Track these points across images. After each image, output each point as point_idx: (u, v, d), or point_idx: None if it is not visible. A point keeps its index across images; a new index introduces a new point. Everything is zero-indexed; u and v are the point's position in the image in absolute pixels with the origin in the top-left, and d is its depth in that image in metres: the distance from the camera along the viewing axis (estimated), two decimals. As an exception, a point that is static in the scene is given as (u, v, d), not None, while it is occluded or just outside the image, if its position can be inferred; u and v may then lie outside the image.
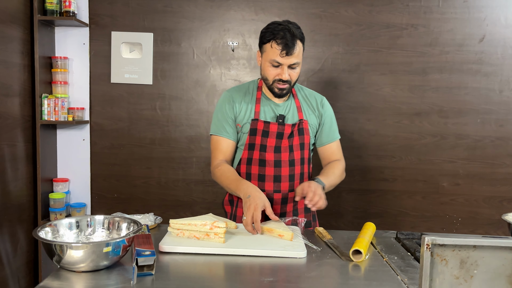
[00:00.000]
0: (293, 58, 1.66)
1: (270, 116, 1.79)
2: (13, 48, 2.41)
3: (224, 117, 1.80)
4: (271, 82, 1.73)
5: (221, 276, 1.26)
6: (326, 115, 1.87)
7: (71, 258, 1.14)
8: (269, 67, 1.71)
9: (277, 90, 1.73)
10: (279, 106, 1.81)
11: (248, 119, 1.78)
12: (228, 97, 1.82)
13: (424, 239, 0.90)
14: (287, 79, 1.69)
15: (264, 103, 1.81)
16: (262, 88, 1.84)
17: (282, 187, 1.76)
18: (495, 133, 2.72)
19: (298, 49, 1.67)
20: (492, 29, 2.67)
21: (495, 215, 2.75)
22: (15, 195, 2.46)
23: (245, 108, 1.80)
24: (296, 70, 1.72)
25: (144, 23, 2.75)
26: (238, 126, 1.80)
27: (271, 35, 1.67)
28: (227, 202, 1.90)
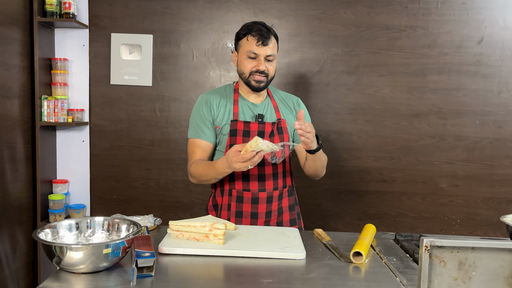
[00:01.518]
0: (268, 49, 1.72)
1: (249, 116, 1.80)
2: (12, 50, 2.41)
3: (202, 120, 1.80)
4: (247, 75, 1.75)
5: (221, 277, 1.26)
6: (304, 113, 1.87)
7: (71, 260, 1.14)
8: (246, 60, 1.75)
9: (254, 83, 1.75)
10: (257, 106, 1.83)
11: (227, 120, 1.78)
12: (204, 99, 1.82)
13: (423, 241, 0.91)
14: (263, 69, 1.73)
15: (242, 104, 1.82)
16: (238, 90, 1.85)
17: (266, 186, 1.77)
18: (494, 134, 2.73)
19: (273, 43, 1.75)
20: (491, 31, 2.68)
21: (493, 217, 2.76)
22: (15, 196, 2.46)
23: (223, 109, 1.80)
24: (273, 64, 1.76)
25: (144, 25, 2.75)
26: (217, 128, 1.79)
27: (246, 30, 1.75)
28: (211, 208, 1.88)
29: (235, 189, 1.78)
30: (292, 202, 1.87)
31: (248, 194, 1.77)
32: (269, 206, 1.79)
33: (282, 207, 1.83)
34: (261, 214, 1.77)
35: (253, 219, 1.77)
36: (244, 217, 1.77)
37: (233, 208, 1.78)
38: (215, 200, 1.87)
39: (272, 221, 1.79)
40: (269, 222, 1.79)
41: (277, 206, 1.81)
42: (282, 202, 1.82)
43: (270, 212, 1.79)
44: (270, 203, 1.79)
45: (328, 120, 2.77)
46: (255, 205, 1.77)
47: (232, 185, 1.79)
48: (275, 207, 1.80)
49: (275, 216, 1.80)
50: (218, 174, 1.67)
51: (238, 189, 1.78)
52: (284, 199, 1.82)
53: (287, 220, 1.83)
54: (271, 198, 1.79)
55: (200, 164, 1.74)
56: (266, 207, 1.78)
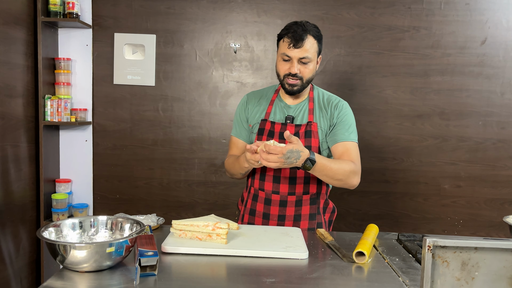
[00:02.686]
0: (302, 52, 1.66)
1: (279, 117, 1.80)
2: (16, 49, 2.42)
3: (238, 119, 1.88)
4: (282, 78, 1.73)
5: (223, 276, 1.26)
6: (340, 115, 1.76)
7: (75, 258, 1.15)
8: (280, 62, 1.73)
9: (287, 86, 1.72)
10: (291, 107, 1.81)
11: (258, 119, 1.82)
12: (243, 99, 1.91)
13: (426, 241, 0.91)
14: (295, 72, 1.68)
15: (277, 105, 1.83)
16: (279, 91, 1.86)
17: (281, 189, 1.75)
18: (497, 135, 2.72)
19: (309, 45, 1.67)
20: (494, 32, 2.68)
21: (496, 218, 2.75)
22: (18, 195, 2.47)
23: (257, 109, 1.84)
24: (308, 67, 1.70)
25: (147, 25, 2.76)
26: (250, 127, 1.84)
27: (284, 31, 1.71)
28: (240, 202, 1.94)
29: (253, 187, 1.81)
30: (314, 211, 1.78)
31: (262, 194, 1.78)
32: (282, 210, 1.76)
33: (301, 214, 1.76)
34: (273, 216, 1.76)
35: (265, 219, 1.77)
36: (257, 216, 1.78)
37: (248, 205, 1.82)
38: (242, 195, 1.93)
39: (286, 226, 1.75)
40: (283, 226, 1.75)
41: (293, 211, 1.76)
42: (302, 209, 1.77)
43: (284, 216, 1.76)
44: (284, 207, 1.75)
45: (330, 120, 2.77)
46: (267, 206, 1.76)
47: (252, 183, 1.82)
48: (291, 213, 1.76)
49: (291, 221, 1.75)
50: (240, 168, 1.72)
51: (255, 187, 1.81)
52: (304, 207, 1.76)
53: (305, 229, 1.76)
54: (285, 202, 1.75)
55: (231, 158, 1.83)
56: (279, 210, 1.76)
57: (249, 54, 2.77)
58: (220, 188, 2.83)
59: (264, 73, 2.78)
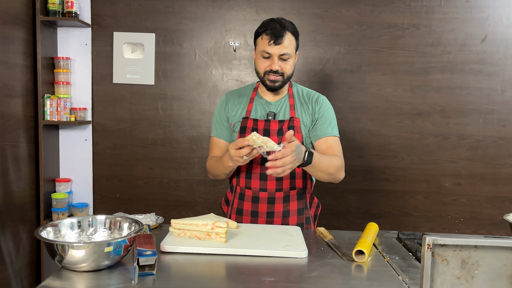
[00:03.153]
0: (282, 48, 1.67)
1: (261, 114, 1.80)
2: (15, 49, 2.42)
3: (218, 119, 1.86)
4: (262, 75, 1.74)
5: (222, 276, 1.26)
6: (321, 110, 1.79)
7: (73, 258, 1.14)
8: (260, 59, 1.73)
9: (269, 82, 1.73)
10: (271, 104, 1.81)
11: (239, 117, 1.81)
12: (222, 99, 1.89)
13: (425, 239, 0.90)
14: (276, 69, 1.69)
15: (257, 102, 1.82)
16: (258, 88, 1.86)
17: (268, 186, 1.75)
18: (498, 133, 2.71)
19: (288, 41, 1.69)
20: (494, 29, 2.67)
21: (497, 216, 2.74)
22: (18, 195, 2.47)
23: (237, 108, 1.83)
24: (289, 63, 1.72)
25: (146, 24, 2.75)
26: (231, 126, 1.83)
27: (262, 28, 1.71)
28: (224, 203, 1.92)
29: (239, 186, 1.80)
30: (302, 206, 1.80)
31: (249, 192, 1.77)
32: (271, 207, 1.76)
33: (289, 210, 1.77)
34: (262, 214, 1.76)
35: (253, 217, 1.76)
36: (244, 215, 1.77)
37: (235, 205, 1.80)
38: (226, 196, 1.91)
39: (275, 223, 1.76)
40: (272, 223, 1.76)
41: (282, 208, 1.77)
42: (290, 205, 1.78)
43: (273, 213, 1.76)
44: (272, 203, 1.76)
45: (330, 118, 2.76)
46: (255, 204, 1.76)
47: (237, 182, 1.81)
48: (280, 209, 1.76)
49: (279, 218, 1.76)
50: (224, 167, 1.69)
51: (241, 186, 1.79)
52: (292, 202, 1.77)
53: (294, 224, 1.77)
54: (273, 199, 1.76)
55: (213, 160, 1.80)
56: (268, 207, 1.76)
57: (249, 53, 2.77)
58: (220, 187, 2.83)
59: (264, 71, 2.77)
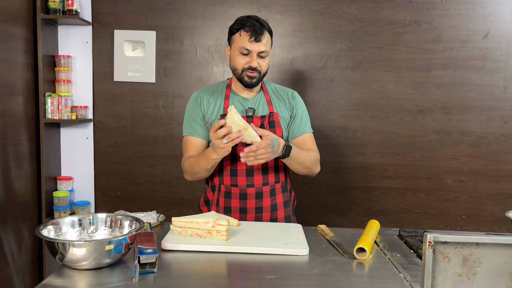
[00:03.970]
0: (261, 46, 1.69)
1: (239, 110, 1.78)
2: (16, 47, 2.42)
3: (192, 117, 1.81)
4: (240, 72, 1.73)
5: (223, 273, 1.26)
6: (298, 107, 1.84)
7: (74, 256, 1.14)
8: (238, 56, 1.72)
9: (247, 79, 1.73)
10: (248, 100, 1.81)
11: (217, 115, 1.78)
12: (195, 97, 1.84)
13: (426, 237, 0.90)
14: (256, 66, 1.70)
15: (233, 99, 1.81)
16: (231, 85, 1.84)
17: (255, 181, 1.75)
18: (500, 129, 2.70)
19: (266, 39, 1.71)
20: (497, 25, 2.65)
21: (499, 212, 2.74)
22: (20, 193, 2.48)
23: (213, 105, 1.80)
24: (266, 60, 1.73)
25: (147, 21, 2.75)
26: (208, 124, 1.79)
27: (239, 25, 1.71)
28: (203, 203, 1.89)
29: (224, 184, 1.78)
30: (287, 198, 1.83)
31: (236, 190, 1.76)
32: (259, 202, 1.76)
33: (277, 204, 1.79)
34: (251, 209, 1.76)
35: (242, 214, 1.76)
36: (233, 212, 1.77)
37: (221, 204, 1.78)
38: (206, 196, 1.88)
39: (264, 217, 1.77)
40: (261, 218, 1.76)
41: (270, 202, 1.77)
42: (276, 198, 1.79)
43: (261, 208, 1.76)
44: (260, 198, 1.76)
45: (332, 116, 2.76)
46: (243, 201, 1.75)
47: (221, 180, 1.79)
48: (268, 203, 1.77)
49: (268, 212, 1.77)
50: (207, 161, 1.66)
51: (226, 185, 1.77)
52: (278, 195, 1.79)
53: (282, 217, 1.80)
54: (261, 194, 1.76)
55: (191, 158, 1.76)
56: (256, 202, 1.76)
57: (250, 50, 2.76)
58: (221, 184, 2.83)
59: (265, 68, 2.76)
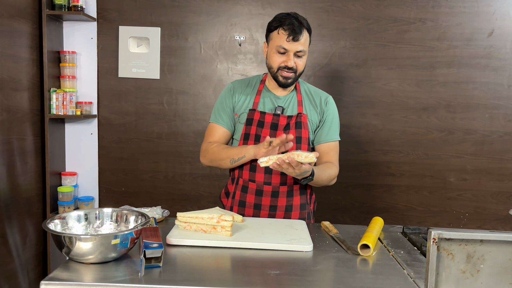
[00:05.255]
0: (299, 45, 1.67)
1: (268, 107, 1.78)
2: (21, 43, 2.43)
3: (223, 106, 1.82)
4: (275, 70, 1.72)
5: (228, 268, 1.27)
6: (328, 113, 1.82)
7: (80, 250, 1.16)
8: (275, 54, 1.70)
9: (282, 79, 1.72)
10: (280, 98, 1.80)
11: (245, 109, 1.79)
12: (229, 87, 1.85)
13: (431, 233, 0.91)
14: (292, 66, 1.68)
15: (265, 95, 1.81)
16: (265, 81, 1.84)
17: (272, 179, 1.75)
18: (504, 128, 2.70)
19: (305, 38, 1.68)
20: (501, 23, 2.65)
21: (502, 211, 2.74)
22: (24, 188, 2.49)
23: (244, 98, 1.80)
24: (302, 60, 1.71)
25: (152, 18, 2.75)
26: (236, 116, 1.80)
27: (278, 23, 1.68)
28: (224, 195, 1.91)
29: (242, 178, 1.79)
30: (304, 201, 1.82)
31: (253, 185, 1.76)
32: (274, 200, 1.76)
33: (292, 205, 1.78)
34: (265, 207, 1.76)
35: (256, 210, 1.76)
36: (247, 207, 1.77)
37: (237, 197, 1.79)
38: (227, 188, 1.90)
39: (278, 216, 1.76)
40: (274, 216, 1.76)
41: (285, 202, 1.77)
42: (293, 199, 1.78)
43: (276, 206, 1.76)
44: (275, 197, 1.76)
45: (336, 113, 2.76)
46: (259, 197, 1.76)
47: (240, 174, 1.80)
48: (283, 203, 1.77)
49: (282, 211, 1.76)
50: (239, 152, 1.69)
51: (244, 179, 1.78)
52: (295, 197, 1.78)
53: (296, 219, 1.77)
54: (277, 193, 1.76)
55: (219, 146, 1.77)
56: (271, 200, 1.76)
57: (254, 47, 2.76)
58: (225, 181, 2.84)
59: (269, 66, 2.77)
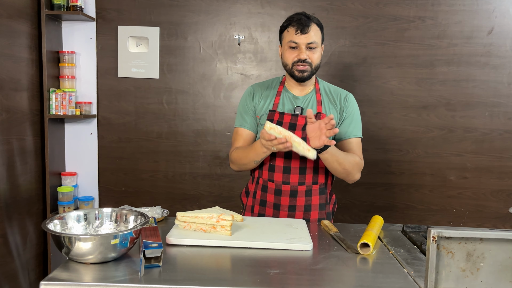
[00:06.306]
0: (309, 37, 1.70)
1: (288, 108, 1.80)
2: (21, 43, 2.42)
3: (245, 109, 1.86)
4: (291, 66, 1.75)
5: (228, 268, 1.26)
6: (349, 110, 1.82)
7: (80, 250, 1.15)
8: (288, 50, 1.75)
9: (297, 73, 1.74)
10: (299, 98, 1.82)
11: (266, 110, 1.81)
12: (249, 90, 1.89)
13: (431, 232, 0.90)
14: (305, 58, 1.71)
15: (284, 96, 1.83)
16: (285, 82, 1.86)
17: (291, 179, 1.76)
18: (504, 126, 2.70)
19: (315, 31, 1.72)
20: (501, 21, 2.64)
21: (502, 209, 2.74)
22: (24, 188, 2.49)
23: (264, 100, 1.84)
24: (316, 53, 1.74)
25: (151, 17, 2.75)
26: (257, 118, 1.84)
27: (287, 22, 1.75)
28: (244, 194, 1.94)
29: (262, 178, 1.81)
30: (323, 201, 1.81)
31: (272, 185, 1.78)
32: (293, 200, 1.77)
33: (311, 205, 1.78)
34: (284, 207, 1.77)
35: (276, 210, 1.78)
36: (268, 207, 1.79)
37: (258, 196, 1.82)
38: (247, 187, 1.92)
39: (297, 216, 1.77)
40: (293, 217, 1.76)
41: (304, 202, 1.77)
42: (312, 199, 1.78)
43: (295, 206, 1.77)
44: (294, 197, 1.76)
45: (335, 112, 2.75)
46: (278, 197, 1.77)
47: (260, 174, 1.82)
48: (301, 203, 1.77)
49: (301, 212, 1.77)
50: (257, 154, 1.69)
51: (264, 179, 1.80)
52: (314, 197, 1.78)
53: (315, 219, 1.78)
54: (295, 193, 1.76)
55: (240, 149, 1.79)
56: (290, 200, 1.77)
57: (253, 46, 2.76)
58: (224, 180, 2.84)
59: (268, 64, 2.77)
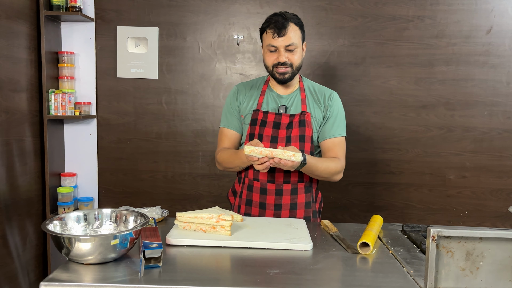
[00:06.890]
0: (286, 39, 1.69)
1: (272, 107, 1.81)
2: (20, 44, 2.42)
3: (229, 109, 1.87)
4: (271, 68, 1.76)
5: (228, 268, 1.27)
6: (333, 109, 1.82)
7: (79, 251, 1.15)
8: (267, 54, 1.75)
9: (278, 75, 1.75)
10: (283, 97, 1.83)
11: (250, 110, 1.82)
12: (234, 90, 1.90)
13: (430, 231, 0.91)
14: (284, 60, 1.71)
15: (268, 95, 1.84)
16: (269, 81, 1.87)
17: (276, 178, 1.77)
18: (503, 125, 2.70)
19: (292, 32, 1.70)
20: (500, 21, 2.65)
21: (502, 208, 2.74)
22: (24, 189, 2.49)
23: (248, 99, 1.84)
24: (296, 54, 1.73)
25: (150, 18, 2.75)
26: (242, 118, 1.84)
27: (265, 23, 1.75)
28: (231, 194, 1.94)
29: (248, 178, 1.82)
30: (309, 199, 1.81)
31: (258, 184, 1.78)
32: (278, 199, 1.77)
33: (297, 203, 1.79)
34: (269, 206, 1.77)
35: (262, 209, 1.78)
36: (253, 206, 1.79)
37: (244, 196, 1.82)
38: (234, 187, 1.93)
39: (283, 215, 1.77)
40: (279, 215, 1.77)
41: (289, 200, 1.78)
42: (298, 198, 1.79)
43: (280, 205, 1.77)
44: (280, 195, 1.77)
45: (335, 112, 2.75)
46: (263, 196, 1.77)
47: (246, 173, 1.83)
48: (287, 201, 1.78)
49: (287, 210, 1.77)
50: (242, 162, 1.72)
51: (249, 178, 1.81)
52: (300, 195, 1.79)
53: (301, 217, 1.79)
54: (281, 191, 1.77)
55: (226, 152, 1.81)
56: (275, 199, 1.77)
57: (252, 46, 2.76)
58: (224, 180, 2.84)
59: (268, 64, 2.76)
